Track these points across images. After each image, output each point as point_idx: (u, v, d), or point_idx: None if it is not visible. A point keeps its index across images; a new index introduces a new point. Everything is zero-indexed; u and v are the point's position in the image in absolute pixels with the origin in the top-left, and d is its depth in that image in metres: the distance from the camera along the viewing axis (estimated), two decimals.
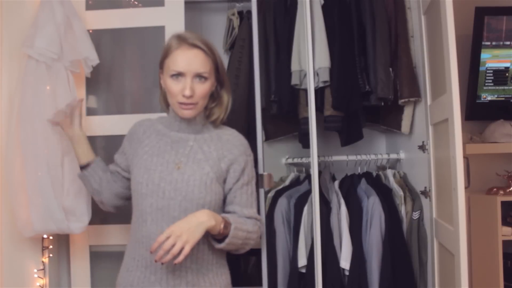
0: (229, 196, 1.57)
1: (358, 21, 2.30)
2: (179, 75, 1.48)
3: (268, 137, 2.64)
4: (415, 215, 2.23)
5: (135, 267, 1.52)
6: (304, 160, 2.52)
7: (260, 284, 2.13)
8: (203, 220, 1.40)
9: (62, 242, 2.29)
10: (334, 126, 2.31)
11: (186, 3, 2.23)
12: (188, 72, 1.48)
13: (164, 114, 1.73)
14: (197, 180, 1.51)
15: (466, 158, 2.12)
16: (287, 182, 2.54)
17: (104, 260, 2.24)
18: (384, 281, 2.11)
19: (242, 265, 2.62)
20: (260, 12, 2.32)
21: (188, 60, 1.48)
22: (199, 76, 1.49)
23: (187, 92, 1.46)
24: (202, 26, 2.85)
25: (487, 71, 2.35)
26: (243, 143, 1.64)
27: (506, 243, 2.13)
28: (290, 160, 2.63)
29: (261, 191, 2.10)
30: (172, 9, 2.21)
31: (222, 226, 1.44)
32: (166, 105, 1.63)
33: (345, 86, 2.23)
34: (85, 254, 2.24)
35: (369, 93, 2.29)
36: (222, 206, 1.58)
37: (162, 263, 1.37)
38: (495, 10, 2.30)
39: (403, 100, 2.29)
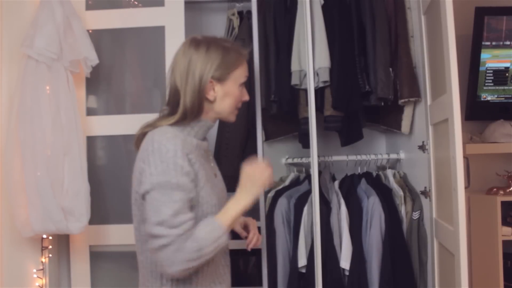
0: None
1: (358, 21, 2.30)
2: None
3: (268, 137, 2.64)
4: (415, 215, 2.23)
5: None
6: (304, 160, 2.51)
7: (260, 284, 2.13)
8: None
9: (62, 242, 2.29)
10: (334, 126, 2.31)
11: (186, 3, 2.23)
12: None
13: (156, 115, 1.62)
14: (222, 181, 1.60)
15: (466, 158, 2.12)
16: (287, 182, 2.54)
17: (104, 260, 2.23)
18: (384, 281, 2.11)
19: (242, 265, 2.62)
20: (260, 12, 2.32)
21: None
22: None
23: (248, 97, 1.52)
24: (202, 26, 2.85)
25: (487, 71, 2.35)
26: None
27: (506, 243, 2.12)
28: (290, 160, 2.63)
29: (261, 191, 2.10)
30: (172, 9, 2.22)
31: None
32: (192, 115, 1.43)
33: (345, 86, 2.23)
34: (85, 254, 2.24)
35: (369, 93, 2.29)
36: None
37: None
38: (495, 10, 2.30)
39: (403, 100, 2.29)
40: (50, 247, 2.19)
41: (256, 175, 1.41)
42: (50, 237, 2.17)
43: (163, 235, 1.26)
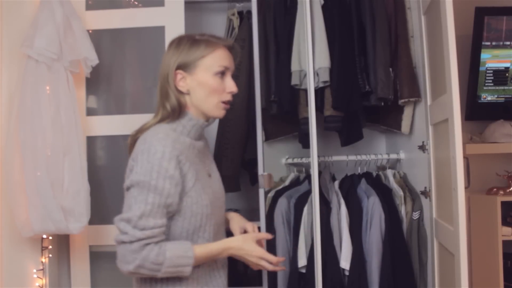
0: None
1: (358, 21, 2.30)
2: (224, 71, 1.43)
3: (268, 137, 2.64)
4: (415, 215, 2.23)
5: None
6: (304, 160, 2.51)
7: (260, 284, 2.13)
8: None
9: (62, 242, 2.29)
10: (334, 126, 2.31)
11: (186, 3, 2.23)
12: (230, 69, 1.46)
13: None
14: (220, 181, 1.55)
15: (466, 158, 2.12)
16: (287, 182, 2.54)
17: (104, 260, 2.23)
18: (384, 281, 2.11)
19: (242, 265, 2.62)
20: (260, 12, 2.32)
21: (230, 57, 1.47)
22: (232, 73, 1.48)
23: (235, 88, 1.45)
24: (202, 26, 2.85)
25: (487, 71, 2.35)
26: None
27: (506, 243, 2.12)
28: (290, 160, 2.63)
29: (261, 191, 2.10)
30: (172, 9, 2.22)
31: None
32: (179, 110, 1.42)
33: (345, 86, 2.23)
34: (85, 254, 2.24)
35: (369, 93, 2.29)
36: None
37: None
38: (495, 10, 2.30)
39: (403, 100, 2.29)
40: (50, 247, 2.19)
41: (252, 254, 1.42)
42: (50, 237, 2.17)
43: (126, 232, 1.26)
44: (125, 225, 1.27)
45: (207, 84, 1.41)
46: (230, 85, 1.45)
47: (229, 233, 1.57)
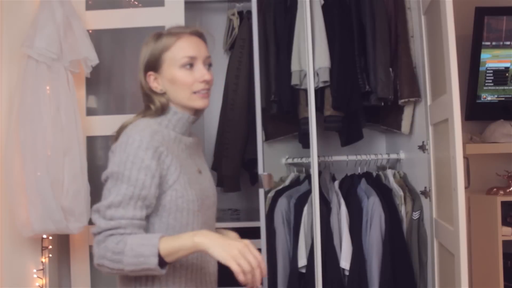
0: None
1: (358, 21, 2.30)
2: (191, 62, 1.32)
3: (268, 137, 2.64)
4: (415, 215, 2.23)
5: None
6: (304, 160, 2.51)
7: (260, 284, 2.12)
8: None
9: (62, 242, 2.29)
10: (334, 126, 2.31)
11: (186, 3, 2.23)
12: (199, 57, 1.33)
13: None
14: (212, 180, 1.46)
15: (466, 158, 2.12)
16: (287, 182, 2.54)
17: None
18: (384, 281, 2.11)
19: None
20: (260, 12, 2.32)
21: (197, 45, 1.34)
22: (208, 61, 1.36)
23: (207, 76, 1.32)
24: (202, 26, 2.85)
25: (487, 71, 2.35)
26: None
27: (506, 243, 2.12)
28: (290, 160, 2.63)
29: (261, 191, 2.10)
30: (172, 9, 2.22)
31: None
32: (162, 109, 1.35)
33: (345, 86, 2.23)
34: (85, 254, 2.24)
35: (369, 93, 2.29)
36: None
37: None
38: (495, 10, 2.30)
39: (403, 100, 2.29)
40: (50, 247, 2.19)
41: (234, 249, 1.12)
42: (50, 237, 2.17)
43: (95, 224, 1.20)
44: (94, 215, 1.21)
45: (176, 79, 1.31)
46: (201, 74, 1.32)
47: None
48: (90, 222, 2.02)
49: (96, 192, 2.12)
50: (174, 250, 1.15)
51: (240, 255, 1.12)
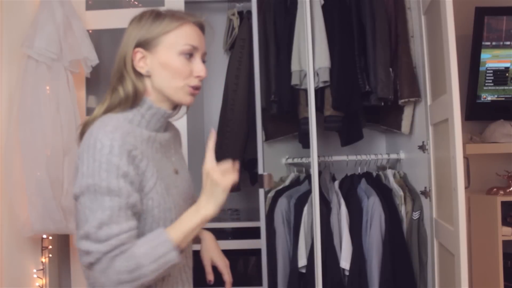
0: None
1: (358, 21, 2.30)
2: (191, 52, 1.21)
3: (268, 137, 2.64)
4: (415, 215, 2.23)
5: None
6: (304, 160, 2.51)
7: (260, 284, 2.13)
8: None
9: (62, 242, 2.29)
10: (334, 126, 2.31)
11: (186, 3, 2.23)
12: (200, 49, 1.23)
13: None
14: (189, 180, 1.34)
15: (466, 158, 2.12)
16: (287, 182, 2.54)
17: None
18: (384, 281, 2.11)
19: (242, 265, 2.62)
20: (260, 12, 2.32)
21: (199, 37, 1.24)
22: (204, 57, 1.25)
23: (204, 73, 1.22)
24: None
25: (487, 71, 2.35)
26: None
27: (506, 243, 2.12)
28: (290, 160, 2.63)
29: (261, 191, 2.10)
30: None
31: None
32: (134, 98, 1.20)
33: (345, 86, 2.23)
34: None
35: (369, 93, 2.29)
36: None
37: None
38: (495, 10, 2.30)
39: (403, 100, 2.29)
40: (50, 247, 2.19)
41: (218, 176, 1.12)
42: (50, 237, 2.17)
43: (89, 251, 1.03)
44: (85, 243, 1.03)
45: (170, 65, 1.19)
46: (199, 69, 1.21)
47: None
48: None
49: None
50: (187, 234, 1.11)
51: (218, 175, 1.12)
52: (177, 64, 1.19)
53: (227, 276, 1.38)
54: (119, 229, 1.04)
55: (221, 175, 1.12)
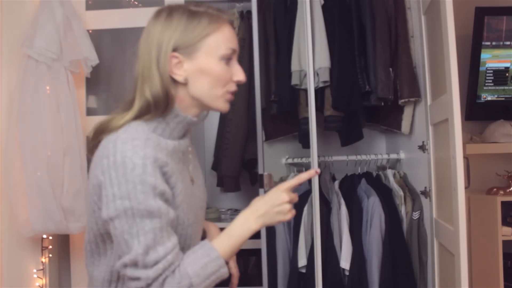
0: None
1: (358, 21, 2.30)
2: (231, 56, 1.12)
3: (268, 137, 2.64)
4: (415, 215, 2.23)
5: None
6: (304, 160, 2.51)
7: (260, 284, 2.13)
8: None
9: (62, 242, 2.29)
10: (334, 126, 2.31)
11: (186, 3, 2.23)
12: (237, 52, 1.15)
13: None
14: (203, 185, 1.29)
15: (466, 158, 2.12)
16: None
17: None
18: (384, 281, 2.11)
19: (242, 265, 2.62)
20: (260, 12, 2.32)
21: (236, 37, 1.15)
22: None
23: (243, 76, 1.13)
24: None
25: (487, 71, 2.35)
26: None
27: (506, 243, 2.12)
28: (290, 160, 2.63)
29: (261, 191, 2.11)
30: None
31: None
32: (165, 107, 1.09)
33: (345, 86, 2.23)
34: None
35: (369, 93, 2.29)
36: None
37: None
38: (495, 10, 2.30)
39: (403, 100, 2.29)
40: (50, 247, 2.19)
41: (289, 208, 1.10)
42: (50, 237, 2.17)
43: (139, 277, 1.00)
44: (132, 270, 1.00)
45: (212, 71, 1.09)
46: (238, 73, 1.13)
47: None
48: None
49: None
50: (236, 248, 1.09)
51: (286, 205, 1.09)
52: (219, 71, 1.10)
53: (234, 270, 1.33)
54: (165, 250, 1.00)
55: (291, 208, 1.10)
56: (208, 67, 1.09)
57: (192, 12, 1.10)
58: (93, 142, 1.10)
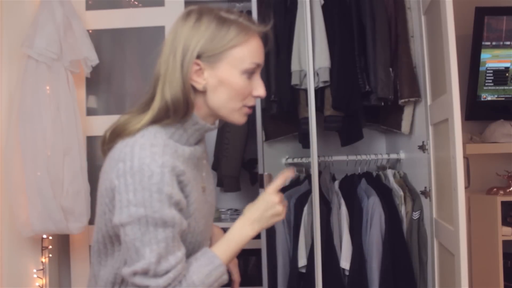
0: None
1: (358, 21, 2.30)
2: (254, 71, 1.09)
3: (268, 137, 2.64)
4: (415, 215, 2.23)
5: None
6: (304, 160, 2.51)
7: (260, 284, 2.13)
8: None
9: (62, 242, 2.29)
10: (334, 126, 2.31)
11: (186, 3, 2.23)
12: (261, 66, 1.11)
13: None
14: (214, 191, 1.28)
15: (466, 158, 2.12)
16: (287, 182, 2.53)
17: None
18: (384, 281, 2.11)
19: (242, 265, 2.62)
20: (260, 12, 2.32)
21: (263, 51, 1.11)
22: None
23: (264, 92, 1.10)
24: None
25: (487, 71, 2.35)
26: None
27: (506, 243, 2.12)
28: (290, 160, 2.63)
29: (261, 191, 2.11)
30: (172, 9, 2.22)
31: None
32: (184, 115, 1.06)
33: (345, 86, 2.23)
34: (85, 254, 2.24)
35: (369, 93, 2.29)
36: None
37: None
38: (495, 10, 2.30)
39: (403, 100, 2.29)
40: (50, 247, 2.19)
41: (282, 209, 1.12)
42: (50, 237, 2.17)
43: (148, 286, 1.00)
44: (142, 278, 0.99)
45: (232, 84, 1.06)
46: (259, 88, 1.09)
47: None
48: (90, 222, 2.04)
49: (96, 192, 2.13)
50: (234, 254, 1.11)
51: (277, 206, 1.11)
52: (239, 84, 1.06)
53: (236, 276, 1.35)
54: (175, 259, 1.00)
55: (283, 208, 1.12)
56: (229, 79, 1.06)
57: (222, 19, 1.06)
58: (109, 145, 1.08)
